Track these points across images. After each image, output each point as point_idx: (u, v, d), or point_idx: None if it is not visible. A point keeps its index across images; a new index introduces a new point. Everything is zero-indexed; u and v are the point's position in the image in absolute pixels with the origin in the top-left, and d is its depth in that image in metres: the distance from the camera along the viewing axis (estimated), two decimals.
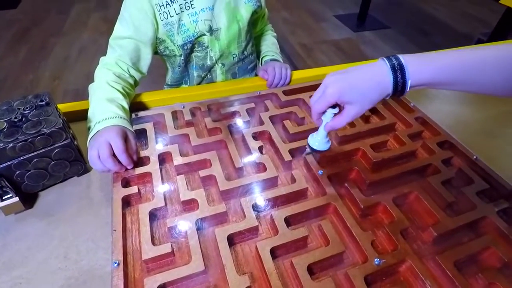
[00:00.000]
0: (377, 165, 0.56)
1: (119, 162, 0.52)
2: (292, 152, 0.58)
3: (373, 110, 0.69)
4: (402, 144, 0.61)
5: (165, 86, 0.86)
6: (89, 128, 0.56)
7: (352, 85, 0.39)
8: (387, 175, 0.54)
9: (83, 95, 1.08)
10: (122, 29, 0.68)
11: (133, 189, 0.51)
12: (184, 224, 0.46)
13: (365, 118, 0.67)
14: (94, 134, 0.53)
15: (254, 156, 0.57)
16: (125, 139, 0.54)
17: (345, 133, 0.61)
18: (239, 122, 0.64)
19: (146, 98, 0.71)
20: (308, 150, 0.50)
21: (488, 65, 0.37)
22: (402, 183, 0.53)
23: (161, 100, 0.72)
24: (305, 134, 0.61)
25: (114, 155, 0.51)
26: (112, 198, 0.49)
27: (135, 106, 0.69)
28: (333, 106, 0.41)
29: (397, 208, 0.49)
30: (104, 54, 0.70)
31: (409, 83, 0.37)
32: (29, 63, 2.22)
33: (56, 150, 0.52)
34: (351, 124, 0.65)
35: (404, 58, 0.38)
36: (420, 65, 0.37)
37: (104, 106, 0.57)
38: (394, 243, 0.45)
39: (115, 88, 0.62)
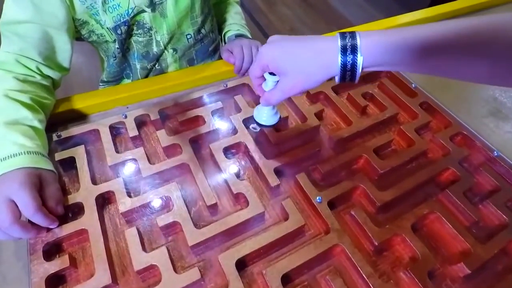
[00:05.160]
0: (385, 177, 0.45)
1: (33, 224, 0.36)
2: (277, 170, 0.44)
3: (368, 96, 0.56)
4: (410, 143, 0.49)
5: (101, 84, 0.65)
6: None
7: (288, 51, 0.34)
8: (401, 191, 0.42)
9: None
10: (17, 9, 0.46)
11: (63, 261, 0.35)
12: None
13: (361, 109, 0.54)
14: None
15: (230, 183, 0.43)
16: (40, 185, 0.37)
17: (342, 135, 0.49)
18: (203, 132, 0.48)
19: (73, 104, 0.52)
20: (254, 125, 0.47)
21: (460, 43, 0.28)
22: (418, 200, 0.43)
23: (95, 105, 0.53)
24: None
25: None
26: (30, 280, 0.34)
27: (58, 119, 0.50)
28: (274, 74, 0.37)
29: (419, 239, 0.38)
30: None
31: (360, 60, 0.31)
32: None
33: None
34: (348, 122, 0.52)
35: (360, 38, 0.31)
36: (375, 42, 0.31)
37: (2, 135, 0.39)
38: None
39: (19, 101, 0.43)
